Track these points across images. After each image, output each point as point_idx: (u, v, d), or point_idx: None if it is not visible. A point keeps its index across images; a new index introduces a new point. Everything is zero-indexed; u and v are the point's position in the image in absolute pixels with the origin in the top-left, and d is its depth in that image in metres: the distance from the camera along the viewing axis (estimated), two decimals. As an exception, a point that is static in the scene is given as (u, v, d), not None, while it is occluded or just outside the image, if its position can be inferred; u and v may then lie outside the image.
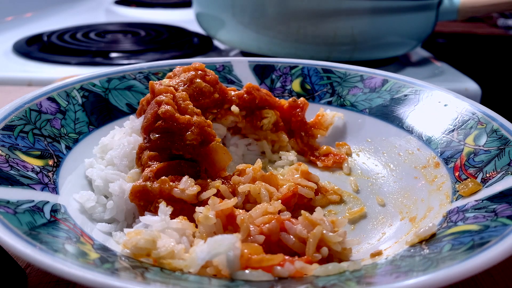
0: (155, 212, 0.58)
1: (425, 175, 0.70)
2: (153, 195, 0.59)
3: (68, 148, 0.70)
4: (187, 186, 0.60)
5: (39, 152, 0.65)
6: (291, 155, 0.79)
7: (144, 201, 0.60)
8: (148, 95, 0.74)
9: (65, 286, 0.53)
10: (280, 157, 0.80)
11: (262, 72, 0.94)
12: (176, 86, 0.72)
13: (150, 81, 0.73)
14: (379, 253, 0.55)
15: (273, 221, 0.55)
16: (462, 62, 1.53)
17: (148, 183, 0.60)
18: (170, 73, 0.76)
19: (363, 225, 0.65)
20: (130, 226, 0.61)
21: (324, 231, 0.54)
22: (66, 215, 0.57)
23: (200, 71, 0.75)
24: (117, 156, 0.67)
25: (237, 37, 1.33)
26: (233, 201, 0.57)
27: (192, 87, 0.73)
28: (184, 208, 0.60)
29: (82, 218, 0.60)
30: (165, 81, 0.73)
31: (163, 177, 0.60)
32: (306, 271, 0.50)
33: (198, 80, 0.74)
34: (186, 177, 0.61)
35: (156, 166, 0.62)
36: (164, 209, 0.57)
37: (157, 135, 0.64)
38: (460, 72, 1.36)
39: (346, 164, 0.79)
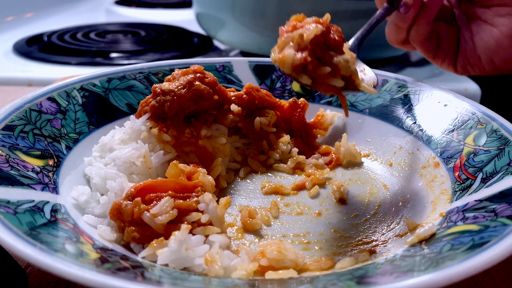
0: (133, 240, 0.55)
1: (425, 175, 0.70)
2: (126, 216, 0.56)
3: (69, 148, 0.70)
4: (162, 210, 0.56)
5: (39, 152, 0.65)
6: (288, 146, 0.80)
7: (120, 221, 0.57)
8: (148, 96, 0.74)
9: (65, 286, 0.53)
10: (282, 152, 0.80)
11: (262, 72, 0.94)
12: (176, 89, 0.72)
13: (153, 85, 0.74)
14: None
15: None
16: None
17: (123, 202, 0.57)
18: (169, 76, 0.77)
19: (362, 224, 0.65)
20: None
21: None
22: (66, 215, 0.57)
23: (199, 74, 0.76)
24: (121, 157, 0.67)
25: (237, 37, 1.33)
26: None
27: (192, 90, 0.73)
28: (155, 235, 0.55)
29: (75, 213, 0.60)
30: (165, 84, 0.73)
31: (137, 198, 0.56)
32: None
33: (197, 82, 0.74)
34: (166, 199, 0.57)
35: (141, 183, 0.59)
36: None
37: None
38: (460, 72, 1.36)
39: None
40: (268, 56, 0.67)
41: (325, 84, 0.61)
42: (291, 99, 0.84)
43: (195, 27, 1.62)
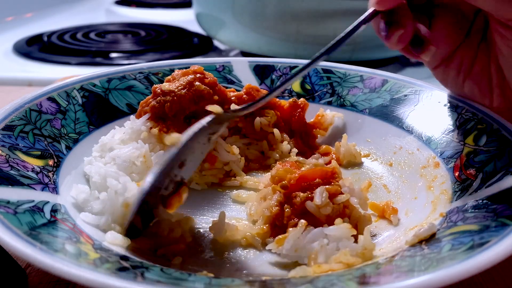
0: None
1: (424, 175, 0.70)
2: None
3: (68, 148, 0.70)
4: (322, 201, 0.59)
5: (39, 152, 0.65)
6: (288, 146, 0.80)
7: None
8: (148, 97, 0.74)
9: (65, 286, 0.53)
10: (282, 152, 0.80)
11: (262, 72, 0.94)
12: (176, 90, 0.72)
13: (153, 86, 0.74)
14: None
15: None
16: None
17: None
18: (169, 77, 0.77)
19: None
20: (116, 223, 0.60)
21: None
22: (66, 215, 0.57)
23: (199, 74, 0.76)
24: (121, 156, 0.67)
25: (237, 37, 1.33)
26: None
27: (192, 90, 0.73)
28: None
29: (75, 213, 0.59)
30: (165, 85, 0.74)
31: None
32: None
33: (197, 83, 0.74)
34: (320, 189, 0.60)
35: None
36: None
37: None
38: (460, 72, 1.35)
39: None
40: (268, 56, 0.67)
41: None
42: (291, 99, 0.84)
43: (195, 27, 1.62)
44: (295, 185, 0.61)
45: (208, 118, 0.59)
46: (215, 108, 0.60)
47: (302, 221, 0.57)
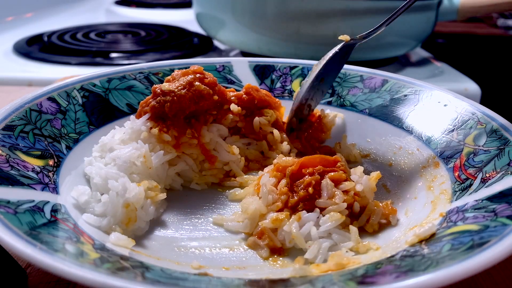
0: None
1: (424, 175, 0.70)
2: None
3: (69, 148, 0.70)
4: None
5: (39, 152, 0.65)
6: (287, 146, 0.80)
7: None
8: (148, 97, 0.74)
9: (65, 286, 0.53)
10: (281, 152, 0.80)
11: (262, 72, 0.94)
12: (176, 90, 0.72)
13: (153, 86, 0.74)
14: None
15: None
16: (462, 62, 1.53)
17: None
18: (169, 77, 0.77)
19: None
20: (117, 224, 0.60)
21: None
22: (67, 215, 0.57)
23: (198, 74, 0.76)
24: (121, 157, 0.67)
25: (237, 37, 1.33)
26: None
27: (192, 90, 0.73)
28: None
29: (76, 213, 0.60)
30: (165, 85, 0.74)
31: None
32: None
33: (197, 83, 0.74)
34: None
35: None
36: None
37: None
38: (459, 72, 1.36)
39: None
40: (268, 56, 0.67)
41: None
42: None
43: (195, 27, 1.62)
44: (298, 171, 0.64)
45: (339, 46, 0.79)
46: (345, 37, 0.78)
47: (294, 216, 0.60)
